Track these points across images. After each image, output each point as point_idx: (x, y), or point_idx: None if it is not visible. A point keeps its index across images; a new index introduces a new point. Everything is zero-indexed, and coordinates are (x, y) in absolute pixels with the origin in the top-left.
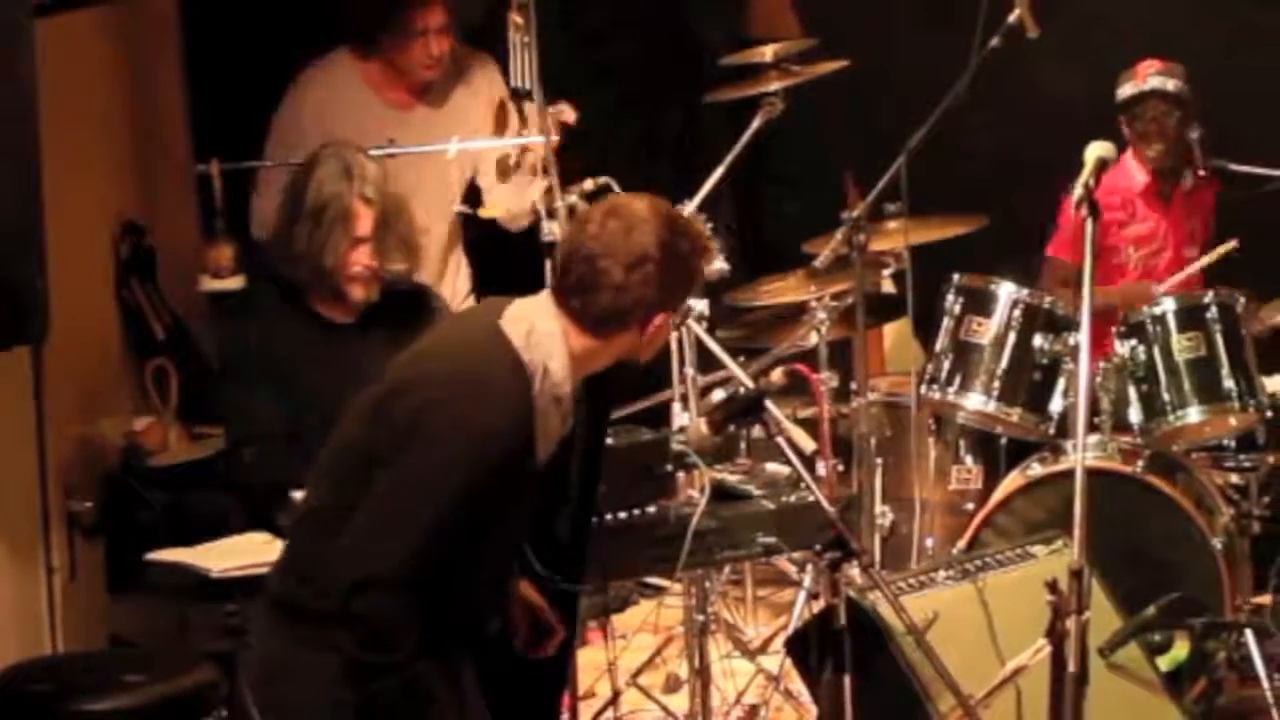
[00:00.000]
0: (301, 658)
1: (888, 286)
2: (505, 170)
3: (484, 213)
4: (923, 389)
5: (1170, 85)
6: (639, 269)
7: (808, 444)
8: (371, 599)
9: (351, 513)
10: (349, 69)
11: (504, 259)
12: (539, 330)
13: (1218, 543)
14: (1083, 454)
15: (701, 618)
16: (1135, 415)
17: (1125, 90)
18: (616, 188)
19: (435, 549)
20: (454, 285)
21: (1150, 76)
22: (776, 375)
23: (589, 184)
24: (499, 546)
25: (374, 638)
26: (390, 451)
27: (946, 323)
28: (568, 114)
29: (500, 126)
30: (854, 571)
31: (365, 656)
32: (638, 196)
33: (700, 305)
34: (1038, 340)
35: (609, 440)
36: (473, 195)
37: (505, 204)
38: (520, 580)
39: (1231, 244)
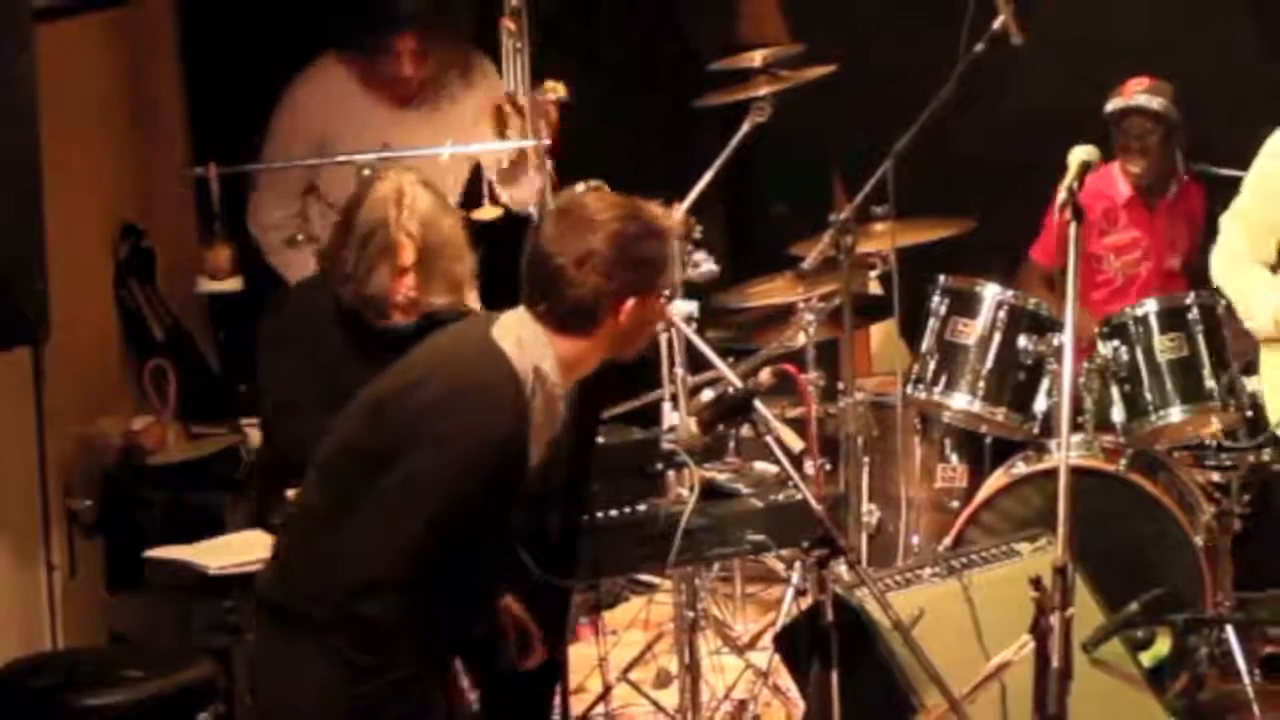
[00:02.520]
0: (294, 659)
1: (874, 288)
2: (509, 175)
3: (479, 215)
4: (909, 389)
5: (1155, 104)
6: (588, 261)
7: (796, 443)
8: (368, 601)
9: (345, 515)
10: (340, 71)
11: (499, 260)
12: (525, 337)
13: (1199, 540)
14: (1066, 453)
15: (691, 614)
16: (1118, 415)
17: (1112, 104)
18: (607, 189)
19: (432, 551)
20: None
21: (1136, 94)
22: (765, 375)
23: (580, 187)
24: (490, 548)
25: (370, 640)
26: (388, 455)
27: (932, 324)
28: (559, 90)
29: (500, 129)
30: (841, 569)
31: (360, 658)
32: (589, 193)
33: (690, 307)
34: (1022, 341)
35: (600, 439)
36: (468, 198)
37: (518, 196)
38: (505, 594)
39: None
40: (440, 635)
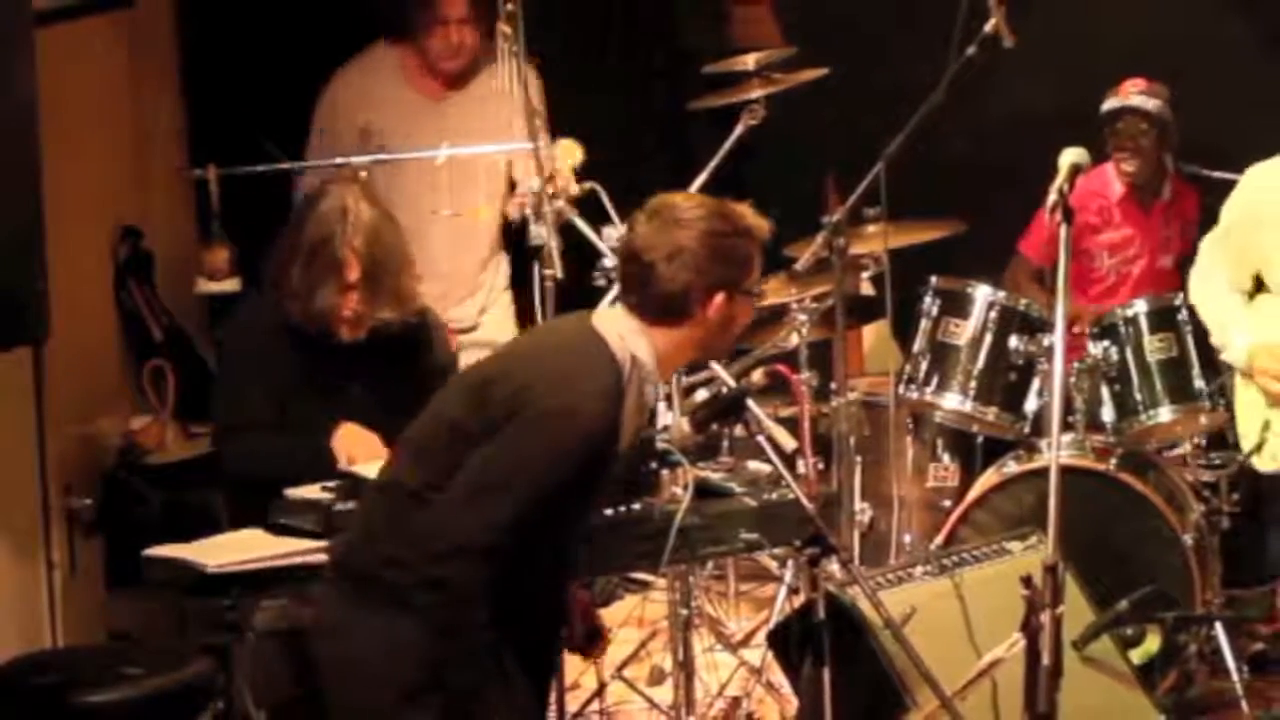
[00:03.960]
0: (369, 621)
1: (867, 289)
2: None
3: (475, 214)
4: (901, 389)
5: (1150, 105)
6: (679, 256)
7: (789, 442)
8: (459, 564)
9: (437, 489)
10: (386, 60)
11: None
12: (623, 328)
13: (1188, 539)
14: (1057, 452)
15: (685, 612)
16: (1108, 414)
17: (1107, 104)
18: (602, 192)
19: (520, 525)
20: (494, 277)
21: (1132, 94)
22: (758, 375)
23: (575, 189)
24: (572, 527)
25: (449, 602)
26: (486, 432)
27: (924, 324)
28: (575, 155)
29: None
30: (834, 567)
31: (439, 617)
32: (677, 194)
33: None
34: (1013, 341)
35: None
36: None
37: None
38: (575, 583)
39: None
40: (515, 611)
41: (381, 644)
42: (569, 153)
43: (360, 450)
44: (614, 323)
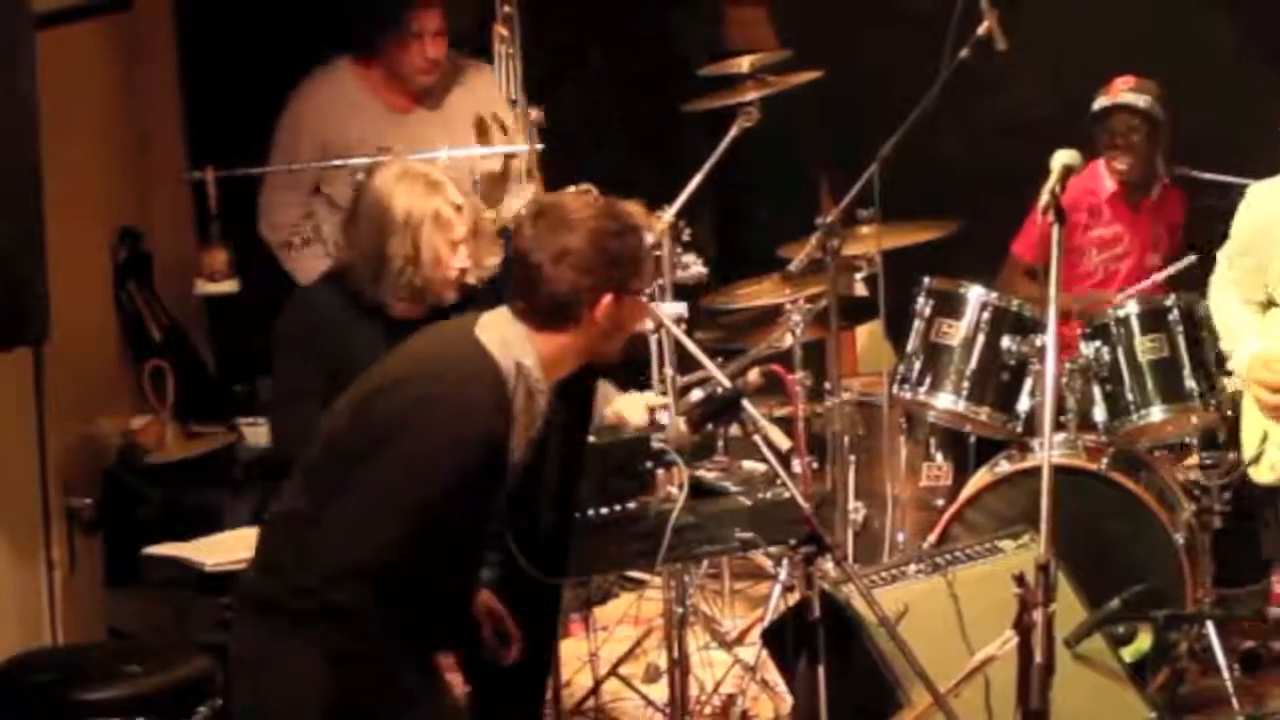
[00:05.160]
0: (277, 651)
1: (860, 290)
2: (493, 185)
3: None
4: (894, 389)
5: (1141, 102)
6: (565, 258)
7: (783, 442)
8: (350, 587)
9: (326, 509)
10: (350, 75)
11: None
12: (507, 335)
13: (1179, 538)
14: (1049, 452)
15: (680, 610)
16: (1100, 414)
17: (1098, 102)
18: (595, 194)
19: (411, 541)
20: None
21: (1122, 92)
22: (753, 375)
23: (570, 190)
24: (469, 541)
25: (348, 627)
26: (370, 449)
27: (917, 325)
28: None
29: (482, 140)
30: (828, 565)
31: (340, 645)
32: (565, 193)
33: (679, 308)
34: (1006, 342)
35: (591, 439)
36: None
37: (503, 213)
38: (481, 590)
39: (1190, 258)
40: (418, 626)
41: (293, 675)
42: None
43: None
44: (497, 330)
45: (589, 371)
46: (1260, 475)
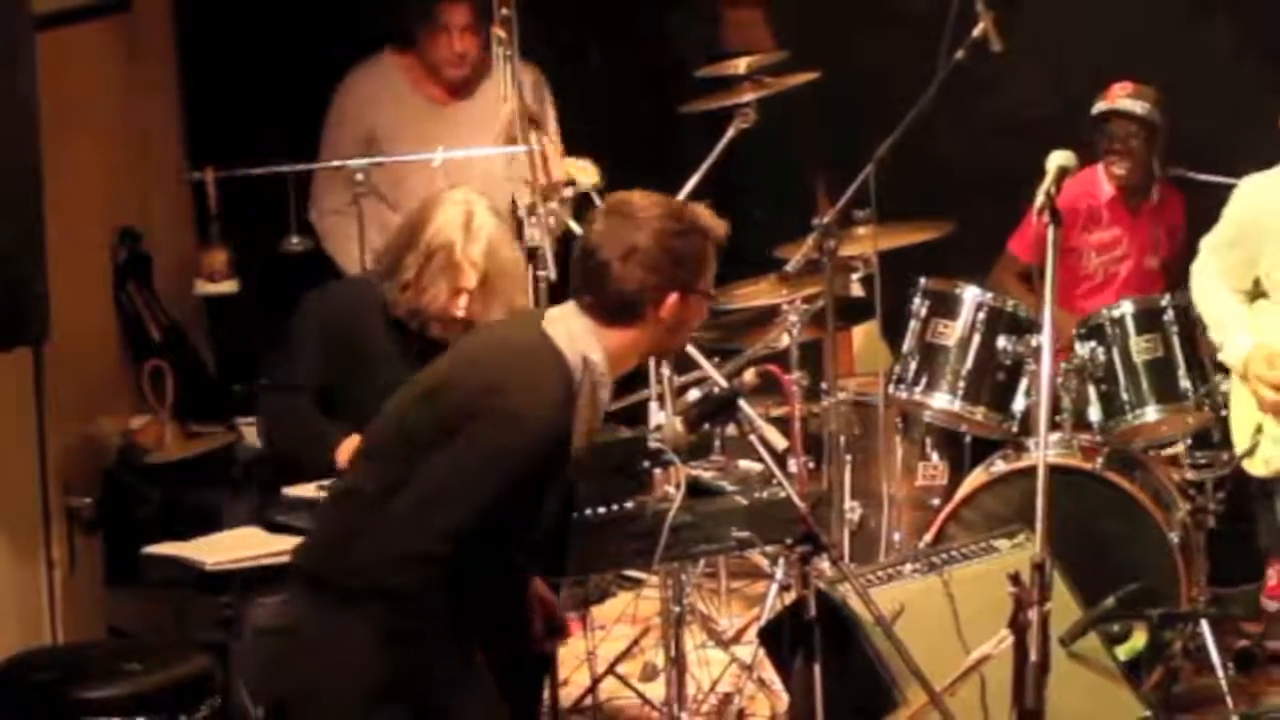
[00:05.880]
0: (329, 629)
1: (857, 290)
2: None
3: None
4: (890, 389)
5: (1138, 107)
6: (632, 256)
7: (780, 442)
8: (414, 571)
9: (393, 493)
10: (392, 67)
11: None
12: (574, 329)
13: (1174, 537)
14: (1045, 451)
15: (677, 609)
16: (1095, 414)
17: (1096, 107)
18: (595, 195)
19: (474, 528)
20: None
21: (1120, 98)
22: (749, 375)
23: (568, 191)
24: (526, 529)
25: (408, 607)
26: (440, 436)
27: (913, 325)
28: (590, 173)
29: (545, 170)
30: (824, 564)
31: (399, 624)
32: (635, 192)
33: None
34: (1001, 342)
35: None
36: None
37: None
38: (535, 578)
39: None
40: (471, 614)
41: (343, 650)
42: (585, 172)
43: None
44: (564, 324)
45: None
46: (1254, 468)
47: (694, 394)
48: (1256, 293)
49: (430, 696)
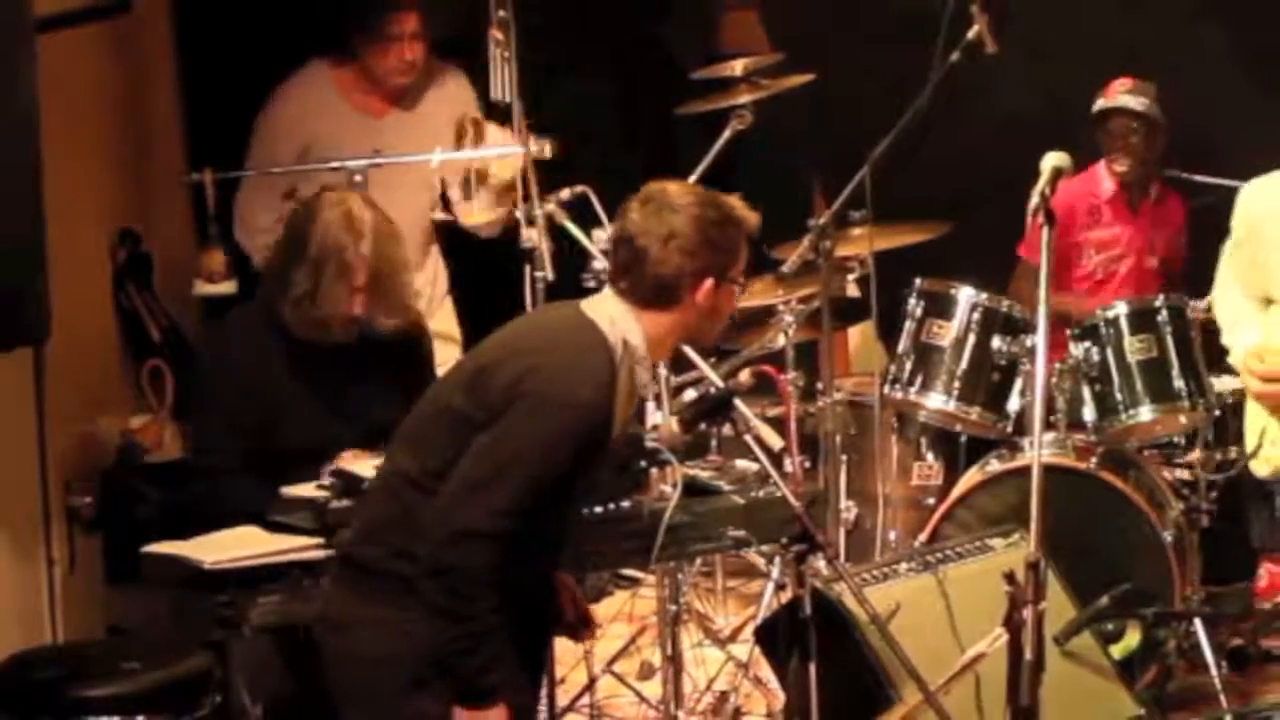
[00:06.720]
0: (372, 611)
1: (852, 290)
2: (469, 187)
3: (466, 221)
4: (886, 389)
5: (1137, 103)
6: (672, 241)
7: (776, 441)
8: (465, 550)
9: (440, 477)
10: (325, 78)
11: (482, 262)
12: (614, 312)
13: (1168, 536)
14: (1039, 451)
15: (674, 608)
16: (1089, 414)
17: (1097, 104)
18: (593, 196)
19: (522, 509)
20: (431, 286)
21: (1119, 94)
22: (745, 375)
23: (565, 193)
24: (566, 513)
25: (457, 587)
26: (485, 419)
27: (908, 325)
28: (544, 150)
29: (458, 143)
30: (820, 564)
31: (447, 604)
32: (670, 181)
33: None
34: (996, 342)
35: None
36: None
37: (475, 217)
38: (563, 571)
39: None
40: (511, 595)
41: (390, 636)
42: (504, 165)
43: None
44: (605, 308)
45: None
46: (1258, 468)
47: (690, 394)
48: (1271, 300)
49: (476, 679)
